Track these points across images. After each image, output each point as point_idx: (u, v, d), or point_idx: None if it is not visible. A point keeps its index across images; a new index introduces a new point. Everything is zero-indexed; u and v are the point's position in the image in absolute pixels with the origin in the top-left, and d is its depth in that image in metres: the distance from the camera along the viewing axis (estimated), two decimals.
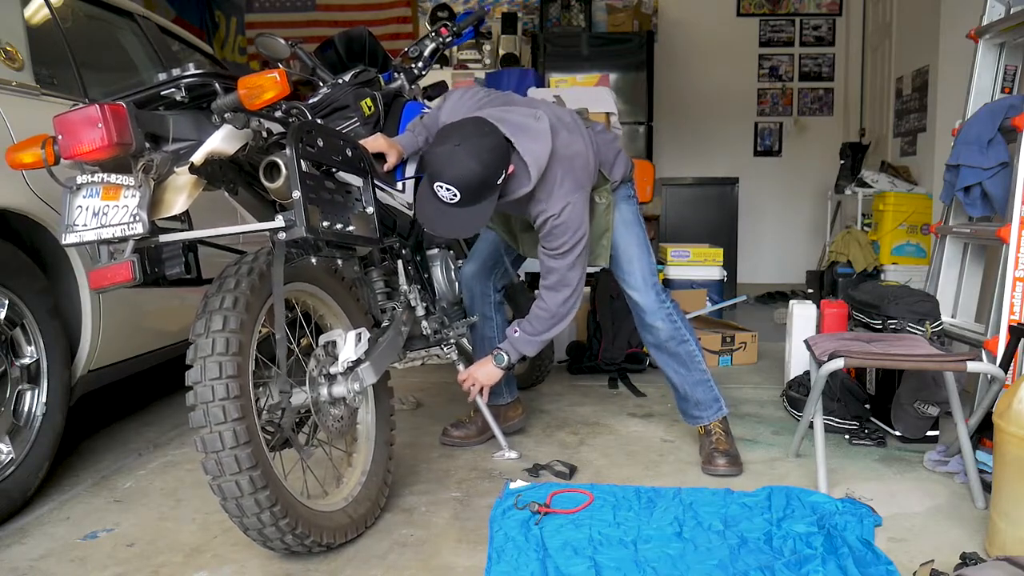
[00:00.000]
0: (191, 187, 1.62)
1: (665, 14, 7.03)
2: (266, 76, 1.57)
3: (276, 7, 7.36)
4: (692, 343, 2.37)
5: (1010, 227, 2.58)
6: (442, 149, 1.93)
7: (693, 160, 6.93)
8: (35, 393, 2.12)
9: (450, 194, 1.93)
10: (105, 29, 2.77)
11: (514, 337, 2.27)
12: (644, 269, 2.34)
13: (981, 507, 2.02)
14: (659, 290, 2.35)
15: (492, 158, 1.94)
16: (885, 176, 5.24)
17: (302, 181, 1.63)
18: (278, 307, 1.66)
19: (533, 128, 2.05)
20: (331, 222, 1.72)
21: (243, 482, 1.57)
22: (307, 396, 1.81)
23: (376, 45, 2.61)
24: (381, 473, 2.02)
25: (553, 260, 2.16)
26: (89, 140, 1.51)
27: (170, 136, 1.63)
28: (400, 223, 2.32)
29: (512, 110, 2.10)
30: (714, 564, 1.73)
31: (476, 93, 2.24)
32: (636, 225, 2.36)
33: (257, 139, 1.68)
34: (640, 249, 2.34)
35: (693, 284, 4.59)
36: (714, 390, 2.41)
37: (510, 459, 2.43)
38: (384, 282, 2.32)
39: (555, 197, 2.09)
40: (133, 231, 1.55)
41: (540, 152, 2.03)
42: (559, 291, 2.19)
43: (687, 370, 2.38)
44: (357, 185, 1.92)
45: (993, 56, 3.07)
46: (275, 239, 1.69)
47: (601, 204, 2.29)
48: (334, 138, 1.82)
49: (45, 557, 1.85)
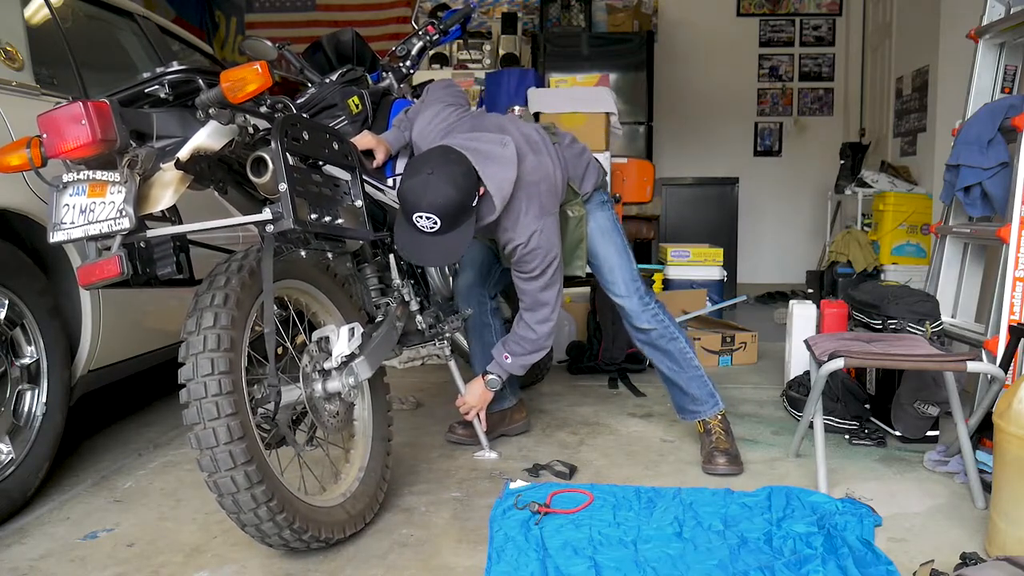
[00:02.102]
0: (177, 182, 1.62)
1: (665, 14, 7.03)
2: (248, 68, 1.57)
3: (276, 7, 7.35)
4: (682, 340, 2.42)
5: (1010, 227, 2.58)
6: (415, 180, 1.94)
7: (693, 160, 6.93)
8: (35, 393, 2.12)
9: (430, 223, 1.95)
10: (105, 29, 2.77)
11: (505, 363, 2.32)
12: (625, 275, 2.38)
13: (981, 507, 2.01)
14: (642, 293, 2.39)
15: (465, 183, 1.97)
16: (885, 176, 5.24)
17: (288, 174, 1.63)
18: (267, 301, 1.67)
19: (498, 156, 2.06)
20: (319, 215, 1.72)
21: (238, 477, 1.57)
22: (301, 392, 1.82)
23: (364, 46, 2.61)
24: (379, 469, 2.02)
25: (526, 283, 2.20)
26: (73, 137, 1.51)
27: (155, 133, 1.64)
28: (391, 218, 2.33)
29: (478, 137, 2.11)
30: (714, 564, 1.73)
31: (445, 115, 2.23)
32: (613, 232, 2.39)
33: (243, 135, 1.68)
34: (620, 256, 2.38)
35: (693, 284, 4.59)
36: (708, 385, 2.43)
37: (490, 459, 2.44)
38: (378, 278, 2.32)
39: (521, 225, 2.12)
40: (120, 226, 1.55)
41: (504, 180, 2.04)
42: (537, 311, 2.23)
43: (680, 366, 2.41)
44: (345, 179, 1.92)
45: (993, 56, 3.07)
46: (263, 232, 1.69)
47: (574, 218, 2.32)
48: (320, 132, 1.82)
49: (45, 557, 1.85)
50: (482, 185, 2.03)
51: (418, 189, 1.94)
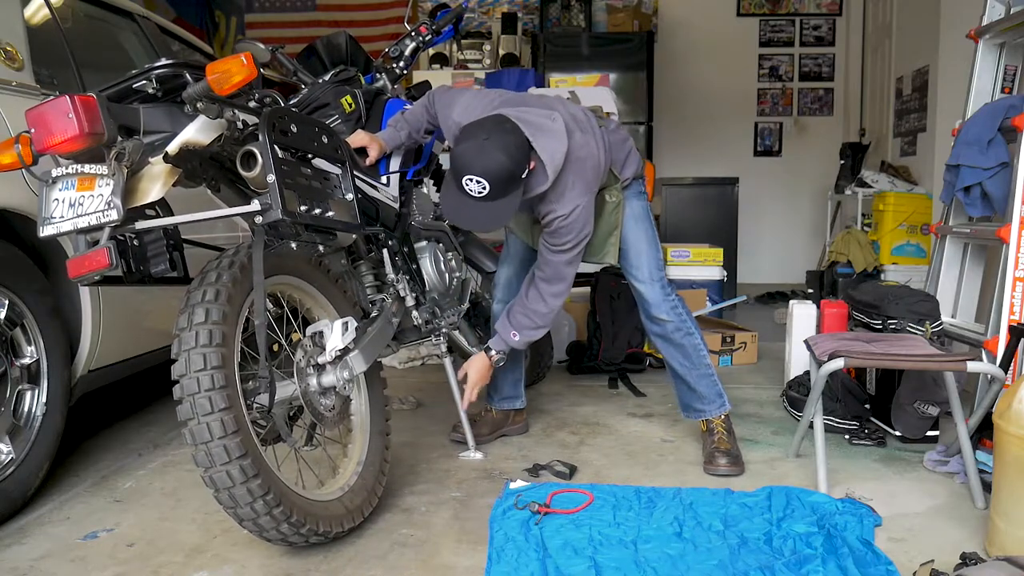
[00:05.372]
0: (166, 176, 1.63)
1: (665, 14, 7.03)
2: (233, 60, 1.58)
3: (276, 7, 7.35)
4: (697, 336, 2.41)
5: (1010, 227, 2.58)
6: (470, 144, 1.96)
7: (693, 160, 6.93)
8: (35, 393, 2.12)
9: (479, 187, 1.96)
10: (105, 29, 2.77)
11: (512, 340, 2.31)
12: (651, 263, 2.38)
13: (981, 507, 2.01)
14: (664, 284, 2.39)
15: (519, 153, 1.98)
16: (885, 176, 5.24)
17: (276, 165, 1.64)
18: (258, 292, 1.67)
19: (549, 128, 2.07)
20: (309, 207, 1.72)
21: (234, 472, 1.58)
22: (296, 387, 1.82)
23: (357, 48, 2.61)
24: (377, 463, 2.03)
25: (553, 255, 2.20)
26: (60, 131, 1.52)
27: (143, 128, 1.65)
28: (385, 215, 2.33)
29: (528, 110, 2.11)
30: (714, 564, 1.73)
31: (488, 94, 2.26)
32: (645, 220, 2.40)
33: (232, 130, 1.68)
34: (649, 244, 2.38)
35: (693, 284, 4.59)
36: (718, 385, 2.43)
37: (476, 459, 2.44)
38: (373, 275, 2.33)
39: (566, 199, 2.12)
40: (108, 218, 1.56)
41: (557, 151, 2.05)
42: (555, 283, 2.24)
43: (691, 363, 2.40)
44: (335, 172, 1.92)
45: (993, 56, 3.07)
46: (253, 224, 1.69)
47: (611, 203, 2.33)
48: (308, 125, 1.82)
49: (45, 557, 1.85)
50: (533, 159, 2.03)
51: (472, 153, 1.95)
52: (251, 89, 1.69)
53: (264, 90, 1.78)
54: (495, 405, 2.66)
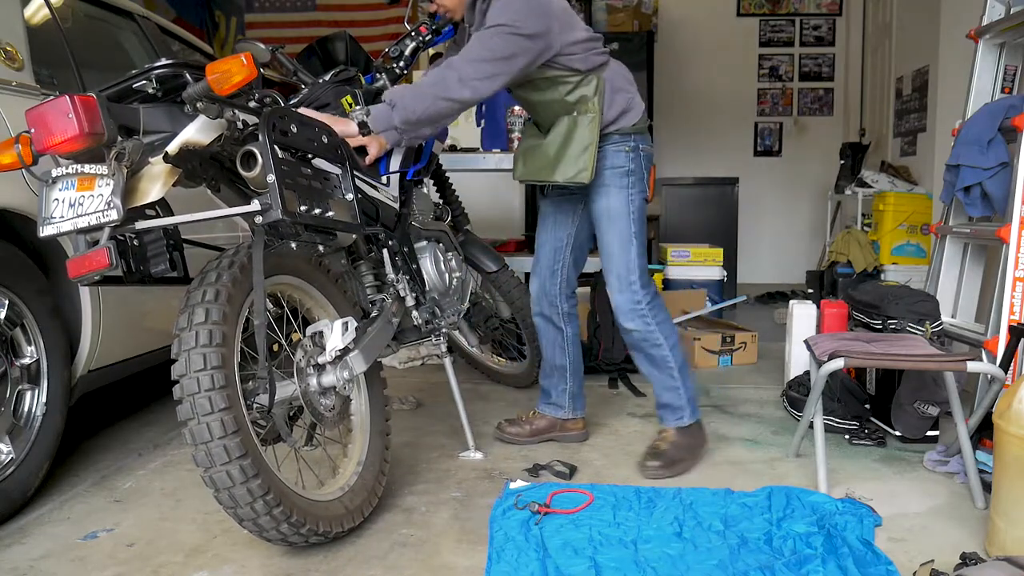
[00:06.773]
0: (166, 175, 1.63)
1: (665, 14, 7.03)
2: (233, 60, 1.58)
3: (276, 7, 7.35)
4: (666, 348, 2.33)
5: (1010, 227, 2.58)
6: None
7: (693, 160, 6.93)
8: (35, 393, 2.12)
9: None
10: (105, 29, 2.77)
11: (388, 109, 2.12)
12: (620, 268, 2.29)
13: (981, 507, 2.02)
14: (636, 290, 2.28)
15: None
16: (885, 176, 5.24)
17: (276, 165, 1.63)
18: (258, 292, 1.67)
19: None
20: (309, 207, 1.72)
21: (233, 471, 1.58)
22: (296, 387, 1.82)
23: (357, 49, 2.61)
24: (377, 463, 2.03)
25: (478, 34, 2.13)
26: (60, 131, 1.52)
27: (143, 128, 1.65)
28: (385, 215, 2.33)
29: None
30: (714, 564, 1.73)
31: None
32: (622, 219, 2.27)
33: (232, 130, 1.68)
34: (620, 247, 2.28)
35: (693, 284, 4.60)
36: (682, 398, 2.36)
37: (475, 459, 2.44)
38: (373, 275, 2.33)
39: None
40: (108, 218, 1.56)
41: None
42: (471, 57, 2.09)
43: (659, 372, 2.36)
44: (335, 172, 1.92)
45: (993, 56, 3.07)
46: (253, 224, 1.69)
47: (585, 118, 2.18)
48: (308, 125, 1.82)
49: (45, 557, 1.85)
50: None
51: None
52: (251, 89, 1.69)
53: (264, 90, 1.78)
54: (540, 409, 2.64)
